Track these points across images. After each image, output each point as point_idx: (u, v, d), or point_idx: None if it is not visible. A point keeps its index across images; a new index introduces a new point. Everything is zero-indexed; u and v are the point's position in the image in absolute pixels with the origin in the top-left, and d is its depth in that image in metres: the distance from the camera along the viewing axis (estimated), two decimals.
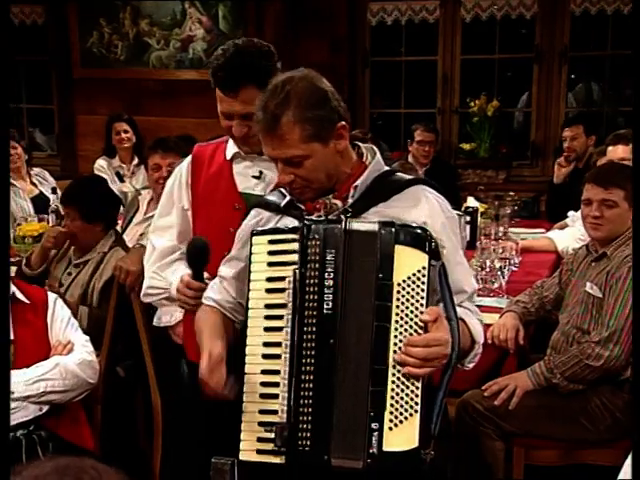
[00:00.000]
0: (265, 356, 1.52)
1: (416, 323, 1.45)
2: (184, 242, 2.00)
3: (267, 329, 1.53)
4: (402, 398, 1.42)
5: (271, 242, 1.55)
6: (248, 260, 1.58)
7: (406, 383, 1.43)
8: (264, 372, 1.52)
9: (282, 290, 1.51)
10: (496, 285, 3.01)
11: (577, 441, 2.38)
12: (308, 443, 1.45)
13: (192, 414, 2.12)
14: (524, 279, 3.13)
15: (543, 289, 2.70)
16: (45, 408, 2.09)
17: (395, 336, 1.44)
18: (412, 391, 1.43)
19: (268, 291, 1.54)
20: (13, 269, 2.99)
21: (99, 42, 5.54)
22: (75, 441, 2.16)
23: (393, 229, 1.47)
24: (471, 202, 4.15)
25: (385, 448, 1.41)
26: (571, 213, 3.79)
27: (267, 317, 1.53)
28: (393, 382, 1.43)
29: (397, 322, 1.44)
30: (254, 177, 1.98)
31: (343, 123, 1.55)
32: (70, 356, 2.16)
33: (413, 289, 1.45)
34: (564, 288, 2.62)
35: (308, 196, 1.59)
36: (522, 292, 2.75)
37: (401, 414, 1.42)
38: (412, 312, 1.45)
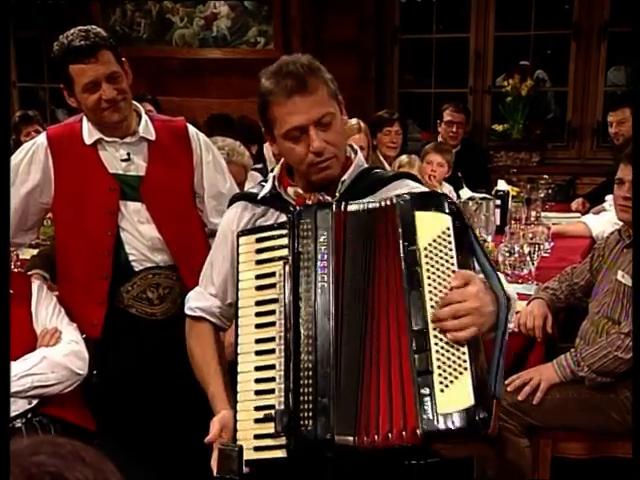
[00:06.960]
0: (258, 352, 1.50)
1: (450, 283, 1.39)
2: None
3: (259, 325, 1.52)
4: (449, 358, 1.33)
5: (259, 240, 1.56)
6: (235, 261, 1.58)
7: (450, 343, 1.35)
8: (258, 369, 1.49)
9: (273, 285, 1.51)
10: (525, 271, 2.93)
11: (605, 433, 2.28)
12: (311, 423, 1.37)
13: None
14: (555, 265, 3.03)
15: (573, 275, 2.59)
16: (35, 401, 2.03)
17: (431, 299, 1.37)
18: (457, 349, 1.34)
19: (258, 288, 1.54)
20: (34, 251, 2.94)
21: (122, 20, 5.48)
22: (77, 422, 2.10)
23: (409, 197, 1.47)
24: (502, 185, 4.06)
25: (440, 411, 1.30)
26: (609, 197, 3.61)
27: (258, 314, 1.52)
28: (436, 344, 1.35)
29: (430, 285, 1.38)
30: (123, 160, 2.14)
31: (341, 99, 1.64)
32: (57, 347, 2.08)
33: (441, 250, 1.41)
34: (595, 275, 2.50)
35: (333, 171, 1.61)
36: (552, 278, 2.63)
37: (450, 374, 1.32)
38: (444, 273, 1.39)
